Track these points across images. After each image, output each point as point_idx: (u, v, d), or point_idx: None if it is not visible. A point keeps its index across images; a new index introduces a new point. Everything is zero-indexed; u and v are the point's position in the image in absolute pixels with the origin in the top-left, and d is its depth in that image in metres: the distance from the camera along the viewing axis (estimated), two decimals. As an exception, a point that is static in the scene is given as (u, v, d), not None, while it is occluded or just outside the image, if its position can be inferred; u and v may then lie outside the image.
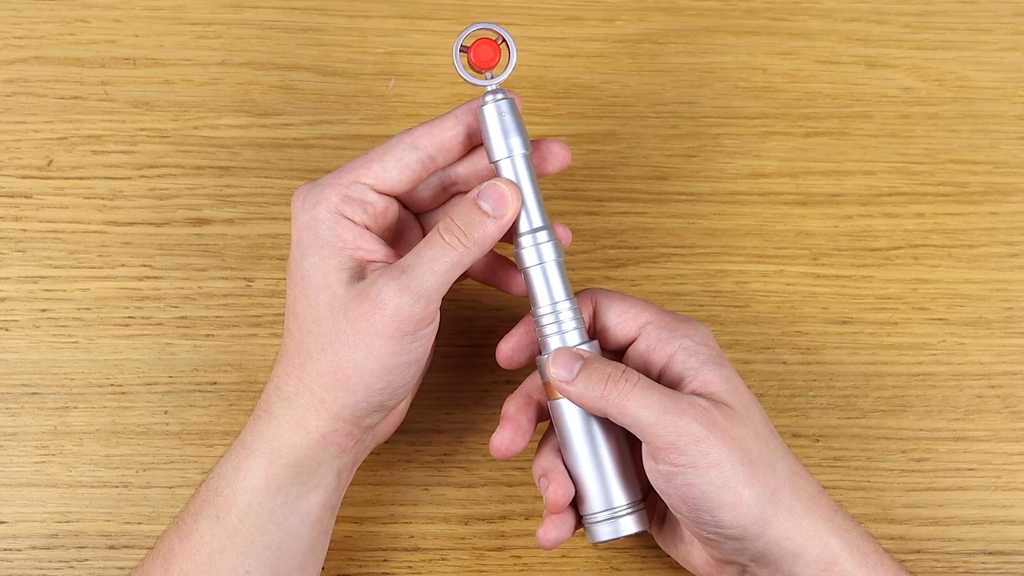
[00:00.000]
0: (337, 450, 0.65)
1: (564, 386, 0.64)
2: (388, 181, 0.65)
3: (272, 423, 0.64)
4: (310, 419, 0.64)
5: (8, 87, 0.77)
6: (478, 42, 0.66)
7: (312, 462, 0.64)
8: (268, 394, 0.65)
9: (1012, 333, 0.76)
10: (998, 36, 0.81)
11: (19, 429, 0.73)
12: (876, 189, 0.78)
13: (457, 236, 0.63)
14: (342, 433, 0.64)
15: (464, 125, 0.66)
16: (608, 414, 0.63)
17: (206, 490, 0.65)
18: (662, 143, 0.78)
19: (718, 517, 0.62)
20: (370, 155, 0.65)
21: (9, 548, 0.71)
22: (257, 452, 0.64)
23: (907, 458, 0.74)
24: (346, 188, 0.65)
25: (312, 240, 0.64)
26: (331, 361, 0.63)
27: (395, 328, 0.62)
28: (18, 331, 0.74)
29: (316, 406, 0.64)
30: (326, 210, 0.64)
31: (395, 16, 0.80)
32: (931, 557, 0.73)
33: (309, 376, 0.64)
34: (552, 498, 0.65)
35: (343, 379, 0.63)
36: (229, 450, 0.65)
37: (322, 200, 0.64)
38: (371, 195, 0.65)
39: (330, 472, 0.65)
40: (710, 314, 0.76)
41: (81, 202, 0.76)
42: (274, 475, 0.64)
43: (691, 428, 0.61)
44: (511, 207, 0.64)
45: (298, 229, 0.65)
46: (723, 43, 0.80)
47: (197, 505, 0.65)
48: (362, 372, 0.63)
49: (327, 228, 0.64)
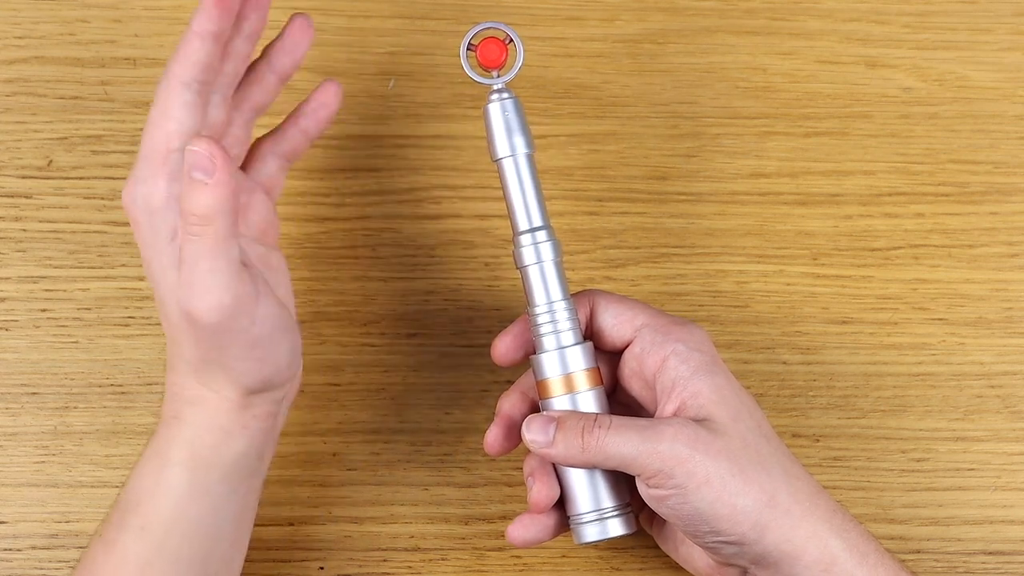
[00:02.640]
0: (261, 435, 0.64)
1: (545, 451, 0.64)
2: (186, 128, 0.62)
3: (185, 429, 0.63)
4: (223, 416, 0.63)
5: (8, 87, 0.77)
6: (485, 41, 0.66)
7: (237, 456, 0.63)
8: (172, 400, 0.64)
9: (1012, 333, 0.76)
10: (998, 36, 0.81)
11: (19, 429, 0.73)
12: (876, 189, 0.78)
13: (196, 223, 0.59)
14: (261, 417, 0.64)
15: (210, 37, 0.61)
16: (594, 464, 0.63)
17: (125, 502, 0.64)
18: (662, 143, 0.78)
19: (715, 527, 0.62)
20: (154, 117, 0.62)
21: (9, 548, 0.71)
22: (175, 460, 0.63)
23: (907, 458, 0.74)
24: (165, 166, 0.61)
25: (153, 237, 0.62)
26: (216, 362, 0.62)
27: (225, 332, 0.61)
28: (18, 331, 0.74)
29: (224, 403, 0.63)
30: (159, 199, 0.61)
31: (395, 16, 0.80)
32: (931, 557, 0.73)
33: (204, 378, 0.63)
34: (535, 498, 0.65)
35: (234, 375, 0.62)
36: (143, 458, 0.64)
37: (152, 191, 0.61)
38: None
39: (255, 459, 0.64)
40: (710, 314, 0.76)
41: (81, 202, 0.76)
42: (199, 480, 0.63)
43: (674, 451, 0.61)
44: (217, 162, 0.58)
45: (142, 228, 0.62)
46: (723, 43, 0.80)
47: (119, 516, 0.64)
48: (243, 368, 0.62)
49: (161, 219, 0.61)
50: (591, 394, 0.65)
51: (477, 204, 0.76)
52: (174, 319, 0.62)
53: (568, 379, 0.65)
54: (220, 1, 0.61)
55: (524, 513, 0.66)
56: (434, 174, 0.77)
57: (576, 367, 0.65)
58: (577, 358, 0.65)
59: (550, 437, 0.64)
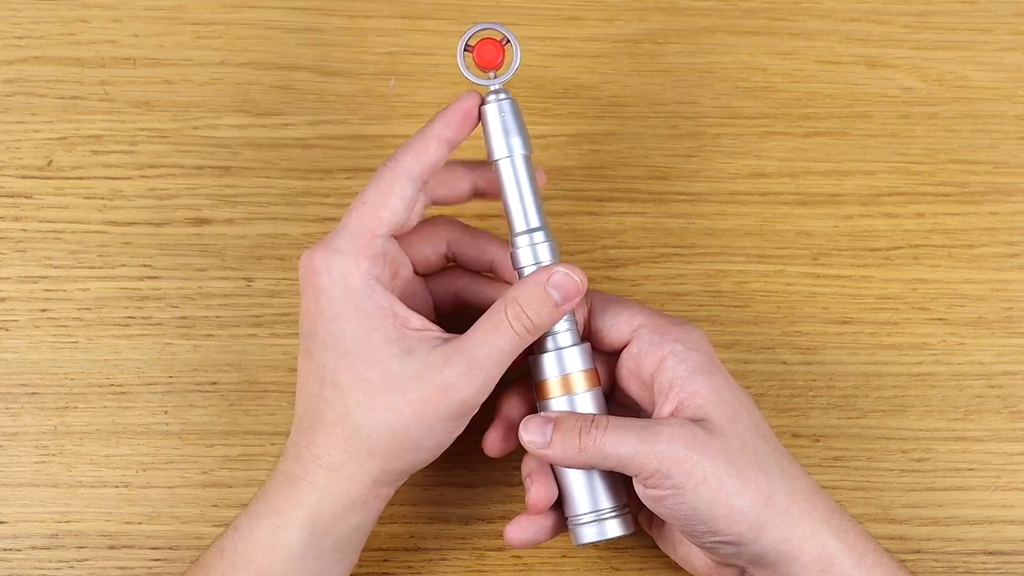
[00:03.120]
0: (375, 514, 0.65)
1: (542, 451, 0.64)
2: (400, 222, 0.64)
3: (314, 492, 0.63)
4: (354, 488, 0.63)
5: (8, 87, 0.77)
6: (482, 42, 0.66)
7: (352, 530, 0.64)
8: (304, 461, 0.64)
9: (1012, 333, 0.76)
10: (998, 36, 0.81)
11: (19, 429, 0.73)
12: (876, 189, 0.78)
13: (524, 325, 0.63)
14: (381, 498, 0.65)
15: (446, 143, 0.65)
16: (592, 464, 0.63)
17: (233, 553, 0.64)
18: (662, 143, 0.78)
19: (713, 528, 0.62)
20: (371, 199, 0.64)
21: (9, 548, 0.71)
22: (297, 522, 0.63)
23: (907, 458, 0.74)
24: (369, 248, 0.63)
25: (353, 312, 0.63)
26: (386, 437, 0.63)
27: (459, 413, 0.63)
28: (18, 331, 0.74)
29: (362, 475, 0.63)
30: (359, 279, 0.63)
31: (395, 16, 0.80)
32: (931, 557, 0.73)
33: (356, 448, 0.63)
34: (533, 499, 0.65)
35: (398, 452, 0.63)
36: (257, 512, 0.64)
37: (352, 269, 0.63)
38: (389, 245, 0.64)
39: (364, 536, 0.65)
40: (710, 314, 0.76)
41: (81, 202, 0.76)
42: (314, 545, 0.63)
43: (672, 450, 0.62)
44: (580, 295, 0.63)
45: (332, 300, 0.63)
46: (723, 43, 0.80)
47: (225, 566, 0.64)
48: (419, 447, 0.63)
49: (366, 298, 0.63)
50: (589, 395, 0.65)
51: (477, 204, 0.76)
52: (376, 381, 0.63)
53: (566, 380, 0.65)
54: (465, 117, 0.65)
55: (522, 514, 0.66)
56: (434, 174, 0.77)
57: (574, 368, 0.65)
58: (575, 359, 0.65)
59: (547, 438, 0.64)
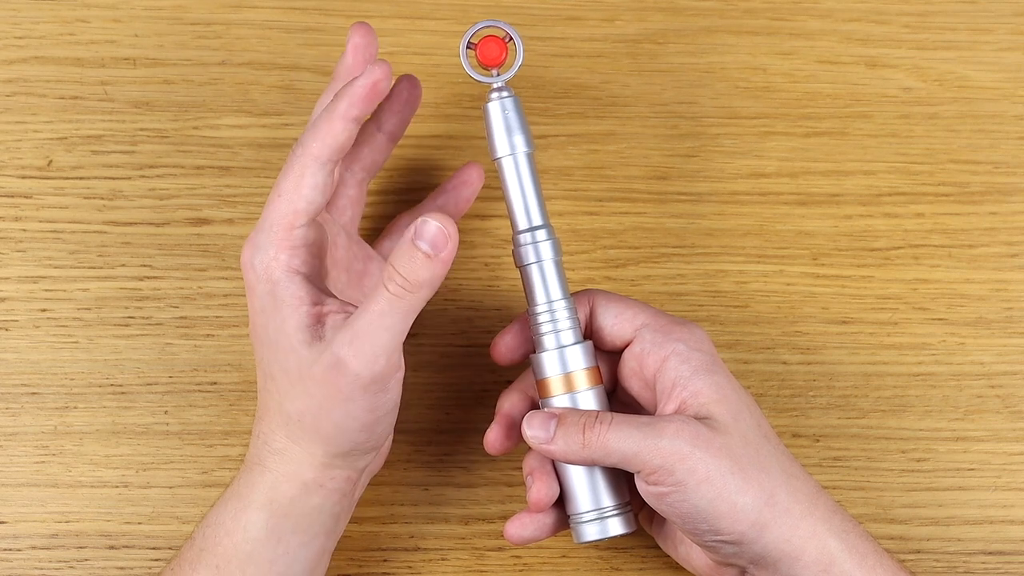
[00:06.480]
0: (337, 496, 0.65)
1: (545, 447, 0.64)
2: (316, 208, 0.64)
3: (267, 475, 0.64)
4: (305, 471, 0.64)
5: (8, 87, 0.77)
6: (485, 39, 0.66)
7: (313, 510, 0.64)
8: (257, 448, 0.65)
9: (1012, 333, 0.76)
10: (998, 36, 0.81)
11: (19, 429, 0.73)
12: (876, 189, 0.78)
13: (402, 285, 0.61)
14: (340, 479, 0.65)
15: (353, 122, 0.64)
16: (594, 460, 0.63)
17: (202, 539, 0.65)
18: (662, 143, 0.78)
19: (714, 526, 0.62)
20: (285, 190, 0.64)
21: (9, 548, 0.71)
22: (255, 504, 0.64)
23: (907, 458, 0.74)
24: (288, 240, 0.64)
25: (273, 305, 0.63)
26: (312, 423, 0.63)
27: (362, 389, 0.62)
28: (18, 331, 0.74)
29: (308, 458, 0.64)
30: (279, 271, 0.63)
31: (395, 16, 0.80)
32: (931, 557, 0.73)
33: (295, 434, 0.64)
34: (535, 497, 0.65)
35: (329, 435, 0.63)
36: (222, 499, 0.65)
37: (272, 262, 0.64)
38: (309, 232, 0.64)
39: (330, 518, 0.65)
40: (710, 314, 0.76)
41: (81, 202, 0.76)
42: (275, 526, 0.64)
43: (675, 447, 0.62)
44: (450, 241, 0.61)
45: (260, 295, 0.64)
46: (723, 43, 0.80)
47: (194, 554, 0.65)
48: (344, 429, 0.63)
49: (283, 289, 0.63)
50: (591, 393, 0.65)
51: (477, 204, 0.76)
52: (292, 369, 0.63)
53: (568, 378, 0.65)
54: (371, 92, 0.64)
55: (522, 511, 0.66)
56: (434, 174, 0.77)
57: (576, 366, 0.65)
58: (577, 357, 0.65)
59: (551, 433, 0.64)
